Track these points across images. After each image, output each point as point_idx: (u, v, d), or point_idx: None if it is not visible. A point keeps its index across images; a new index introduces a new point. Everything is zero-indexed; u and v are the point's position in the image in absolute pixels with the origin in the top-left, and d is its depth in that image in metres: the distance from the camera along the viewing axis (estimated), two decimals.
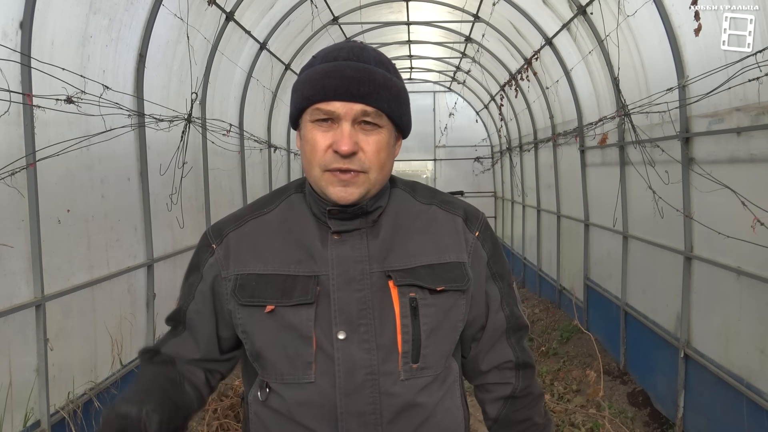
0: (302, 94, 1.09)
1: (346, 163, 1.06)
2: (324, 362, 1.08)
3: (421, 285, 1.11)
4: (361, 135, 1.07)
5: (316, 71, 1.09)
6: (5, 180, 2.67)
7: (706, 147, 3.67)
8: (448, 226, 1.19)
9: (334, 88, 1.05)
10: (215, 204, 5.34)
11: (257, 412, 1.14)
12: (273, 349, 1.10)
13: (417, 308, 1.10)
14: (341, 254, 1.11)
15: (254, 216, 1.19)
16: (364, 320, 1.09)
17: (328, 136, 1.06)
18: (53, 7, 3.00)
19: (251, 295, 1.11)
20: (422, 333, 1.10)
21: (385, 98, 1.08)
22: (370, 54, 1.11)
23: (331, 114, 1.06)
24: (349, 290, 1.10)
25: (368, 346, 1.08)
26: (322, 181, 1.08)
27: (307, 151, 1.09)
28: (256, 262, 1.13)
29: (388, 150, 1.11)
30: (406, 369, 1.09)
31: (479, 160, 12.53)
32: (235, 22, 5.21)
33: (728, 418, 3.46)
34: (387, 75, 1.10)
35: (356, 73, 1.06)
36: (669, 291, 4.31)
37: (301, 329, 1.08)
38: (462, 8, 7.04)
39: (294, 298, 1.09)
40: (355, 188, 1.08)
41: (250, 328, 1.12)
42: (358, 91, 1.05)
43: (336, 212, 1.11)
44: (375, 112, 1.07)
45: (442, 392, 1.15)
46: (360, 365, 1.07)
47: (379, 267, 1.12)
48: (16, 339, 2.81)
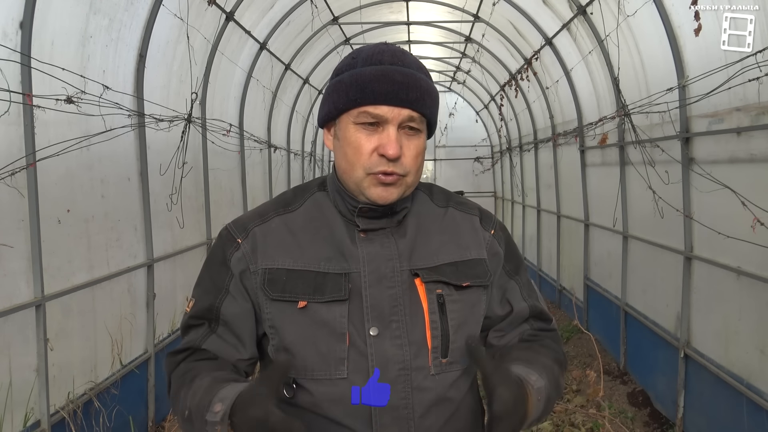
0: (348, 96, 1.09)
1: (391, 167, 1.08)
2: (357, 358, 1.09)
3: (447, 281, 1.14)
4: (404, 140, 1.10)
5: (362, 74, 1.09)
6: (5, 180, 2.67)
7: (706, 147, 3.67)
8: (467, 226, 1.23)
9: (384, 92, 1.07)
10: (215, 204, 5.32)
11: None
12: (303, 345, 1.10)
13: (444, 304, 1.13)
14: (372, 252, 1.14)
15: (279, 213, 1.19)
16: (396, 317, 1.11)
17: (374, 140, 1.08)
18: (53, 7, 3.00)
19: (282, 290, 1.11)
20: (450, 328, 1.13)
21: (429, 104, 1.11)
22: (412, 59, 1.13)
23: (379, 117, 1.08)
24: (380, 287, 1.11)
25: (400, 342, 1.10)
26: (364, 183, 1.10)
27: (349, 153, 1.10)
28: (284, 257, 1.14)
29: (424, 154, 1.15)
30: (436, 364, 1.11)
31: (479, 160, 12.55)
32: (235, 22, 5.21)
33: (728, 418, 3.46)
34: (429, 81, 1.13)
35: (405, 79, 1.08)
36: (669, 291, 4.31)
37: (335, 326, 1.09)
38: (462, 8, 7.04)
39: (326, 294, 1.10)
40: (395, 189, 1.11)
41: (280, 324, 1.12)
42: (407, 96, 1.07)
43: (366, 210, 1.14)
44: (419, 117, 1.10)
45: (467, 386, 1.17)
46: (393, 361, 1.09)
47: (407, 265, 1.14)
48: (16, 339, 2.81)
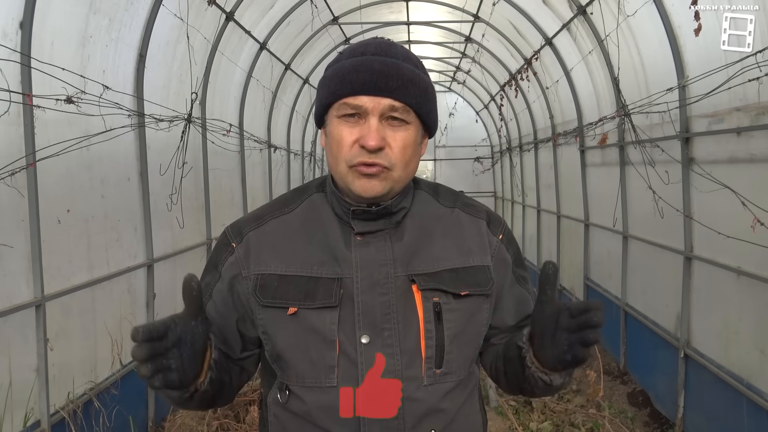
0: (329, 89, 1.07)
1: (372, 158, 1.04)
2: (347, 366, 1.06)
3: (445, 289, 1.10)
4: (389, 131, 1.05)
5: (343, 66, 1.07)
6: (5, 180, 2.67)
7: (706, 147, 3.66)
8: (472, 230, 1.18)
9: (362, 82, 1.03)
10: (215, 204, 5.32)
11: (277, 414, 1.12)
12: (294, 352, 1.08)
13: (440, 313, 1.09)
14: (365, 257, 1.09)
15: (275, 215, 1.16)
16: (388, 324, 1.07)
17: (355, 131, 1.05)
18: (53, 7, 3.00)
19: (273, 296, 1.09)
20: (446, 338, 1.09)
21: (413, 93, 1.06)
22: (398, 49, 1.10)
23: (359, 108, 1.04)
24: (373, 294, 1.08)
25: (392, 350, 1.06)
26: (347, 177, 1.06)
27: (333, 147, 1.07)
28: (277, 262, 1.11)
29: (414, 147, 1.09)
30: (430, 374, 1.08)
31: (479, 160, 12.54)
32: (235, 22, 5.21)
33: (728, 418, 3.46)
34: (415, 71, 1.08)
35: (384, 68, 1.04)
36: (669, 291, 4.31)
37: (325, 333, 1.06)
38: (462, 8, 7.03)
39: (317, 300, 1.07)
40: (378, 182, 1.05)
41: (272, 330, 1.10)
42: (386, 85, 1.03)
43: (360, 212, 1.09)
44: (403, 107, 1.05)
45: (464, 397, 1.13)
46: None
47: (404, 271, 1.10)
48: (16, 339, 2.81)
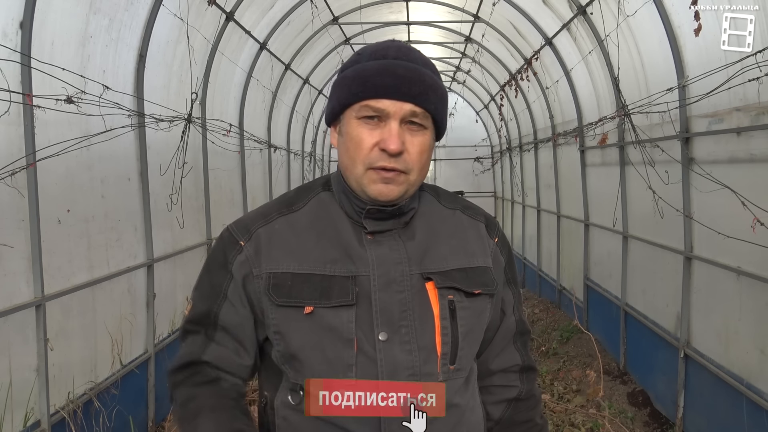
0: (350, 90, 1.07)
1: (392, 162, 1.05)
2: (365, 364, 1.05)
3: (459, 288, 1.12)
4: (407, 135, 1.06)
5: (365, 68, 1.07)
6: (5, 180, 2.67)
7: (706, 147, 3.67)
8: (473, 232, 1.20)
9: (386, 86, 1.04)
10: (215, 204, 5.32)
11: (287, 416, 1.10)
12: (310, 352, 1.07)
13: (455, 311, 1.11)
14: (381, 255, 1.10)
15: (282, 213, 1.15)
16: (405, 321, 1.07)
17: (375, 134, 1.05)
18: (53, 7, 3.00)
19: (288, 295, 1.07)
20: (460, 335, 1.11)
21: (433, 100, 1.08)
22: (417, 54, 1.11)
23: (380, 112, 1.05)
24: (390, 291, 1.08)
25: (409, 347, 1.07)
26: (364, 179, 1.07)
27: (351, 148, 1.07)
28: (289, 260, 1.10)
29: (429, 152, 1.11)
30: (444, 370, 1.09)
31: (479, 160, 12.54)
32: (235, 22, 5.21)
33: (728, 418, 3.46)
34: (434, 77, 1.10)
35: (408, 73, 1.05)
36: (669, 291, 4.31)
37: (342, 331, 1.06)
38: (462, 8, 7.04)
39: (333, 299, 1.06)
40: (396, 186, 1.07)
41: (285, 330, 1.08)
42: (410, 90, 1.05)
43: (374, 212, 1.10)
44: (423, 113, 1.06)
45: (469, 392, 1.16)
46: (402, 366, 1.06)
47: (418, 269, 1.11)
48: (16, 339, 2.81)
